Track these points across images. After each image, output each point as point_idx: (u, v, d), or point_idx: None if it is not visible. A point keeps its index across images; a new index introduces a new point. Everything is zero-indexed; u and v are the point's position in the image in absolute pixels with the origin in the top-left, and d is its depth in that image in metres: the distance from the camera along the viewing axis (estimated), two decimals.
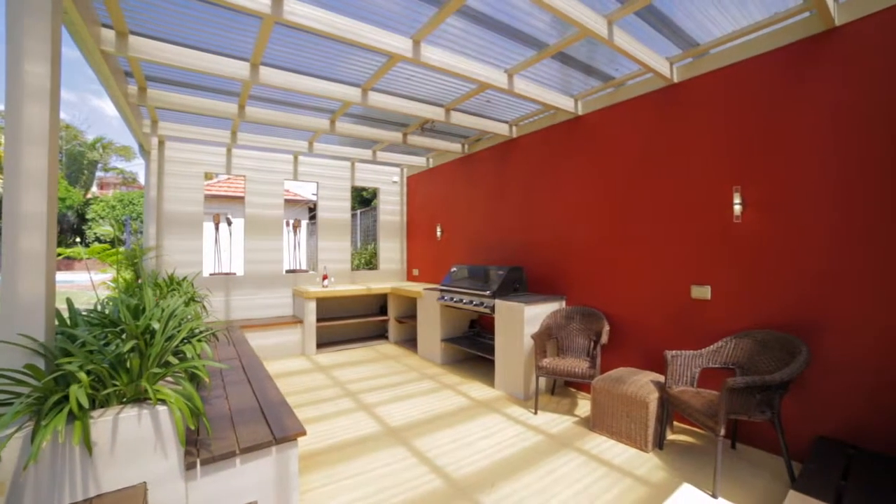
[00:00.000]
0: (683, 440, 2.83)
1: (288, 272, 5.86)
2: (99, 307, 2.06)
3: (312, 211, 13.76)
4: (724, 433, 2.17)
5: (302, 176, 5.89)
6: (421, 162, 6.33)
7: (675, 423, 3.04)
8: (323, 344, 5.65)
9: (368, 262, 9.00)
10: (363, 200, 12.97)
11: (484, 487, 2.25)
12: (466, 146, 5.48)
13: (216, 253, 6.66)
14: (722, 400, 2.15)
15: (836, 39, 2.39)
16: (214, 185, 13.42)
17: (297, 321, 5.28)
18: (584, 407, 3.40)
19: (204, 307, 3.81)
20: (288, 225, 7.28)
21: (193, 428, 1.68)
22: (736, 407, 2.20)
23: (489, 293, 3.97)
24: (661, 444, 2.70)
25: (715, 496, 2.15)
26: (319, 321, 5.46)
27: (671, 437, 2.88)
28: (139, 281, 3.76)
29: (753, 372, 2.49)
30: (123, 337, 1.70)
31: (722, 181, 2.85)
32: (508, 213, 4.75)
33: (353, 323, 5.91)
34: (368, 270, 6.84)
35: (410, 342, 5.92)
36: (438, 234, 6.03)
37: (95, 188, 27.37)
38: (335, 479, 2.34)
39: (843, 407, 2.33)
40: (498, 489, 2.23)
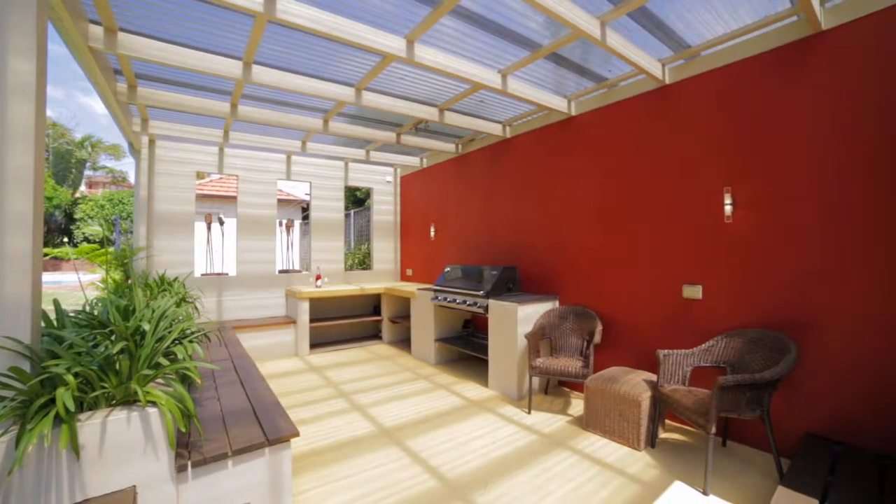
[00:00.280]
0: (675, 438, 2.86)
1: (281, 272, 5.81)
2: (87, 308, 2.02)
3: (306, 211, 13.66)
4: (715, 431, 2.20)
5: (295, 176, 5.85)
6: (415, 162, 6.32)
7: (667, 421, 3.07)
8: (316, 344, 5.62)
9: (362, 262, 8.96)
10: (357, 200, 12.93)
11: (478, 487, 2.25)
12: (460, 146, 5.48)
13: (208, 253, 6.59)
14: (713, 398, 2.18)
15: (823, 43, 2.43)
16: (206, 184, 13.29)
17: (290, 322, 5.24)
18: (577, 406, 3.42)
19: (196, 308, 3.77)
20: (281, 225, 7.22)
21: (184, 430, 1.66)
22: (727, 405, 2.23)
23: (483, 293, 3.97)
24: (653, 442, 2.72)
25: (706, 493, 2.17)
26: (313, 321, 5.43)
27: (663, 435, 2.91)
28: (129, 281, 3.71)
29: (744, 370, 2.52)
30: (113, 338, 1.67)
31: (713, 181, 2.88)
32: (502, 213, 4.76)
33: (346, 323, 5.88)
34: (362, 270, 6.82)
35: (404, 342, 5.92)
36: (432, 234, 6.03)
37: (84, 187, 26.92)
38: (329, 480, 2.33)
39: (830, 404, 2.37)
40: (492, 489, 2.24)
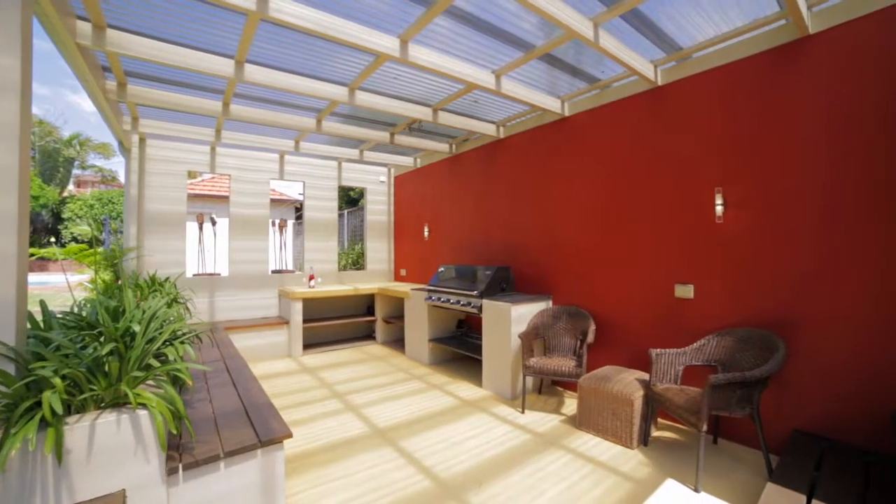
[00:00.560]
0: (667, 437, 2.88)
1: (274, 272, 5.77)
2: (76, 309, 1.99)
3: (299, 211, 13.58)
4: (706, 429, 2.22)
5: (288, 175, 5.81)
6: (408, 162, 6.31)
7: (659, 419, 3.10)
8: (309, 345, 5.58)
9: (356, 262, 8.93)
10: (350, 200, 12.87)
11: (471, 487, 2.25)
12: (454, 146, 5.49)
13: (200, 253, 6.52)
14: (704, 397, 2.20)
15: (810, 46, 2.47)
16: (198, 184, 13.14)
17: (283, 322, 5.20)
18: (570, 405, 3.44)
19: (187, 308, 3.73)
20: (274, 225, 7.17)
21: (175, 432, 1.64)
22: (718, 403, 2.26)
23: (476, 293, 3.98)
24: (645, 440, 2.75)
25: (697, 490, 2.20)
26: (306, 322, 5.39)
27: (656, 433, 2.93)
28: (119, 282, 3.66)
29: (734, 368, 2.55)
30: (102, 340, 1.65)
31: (704, 182, 2.91)
32: (496, 213, 4.77)
33: (340, 324, 5.85)
34: (355, 271, 6.78)
35: (398, 342, 5.90)
36: (426, 234, 6.02)
37: (72, 186, 26.48)
38: (322, 481, 2.31)
39: (817, 401, 2.41)
40: (485, 488, 2.24)
